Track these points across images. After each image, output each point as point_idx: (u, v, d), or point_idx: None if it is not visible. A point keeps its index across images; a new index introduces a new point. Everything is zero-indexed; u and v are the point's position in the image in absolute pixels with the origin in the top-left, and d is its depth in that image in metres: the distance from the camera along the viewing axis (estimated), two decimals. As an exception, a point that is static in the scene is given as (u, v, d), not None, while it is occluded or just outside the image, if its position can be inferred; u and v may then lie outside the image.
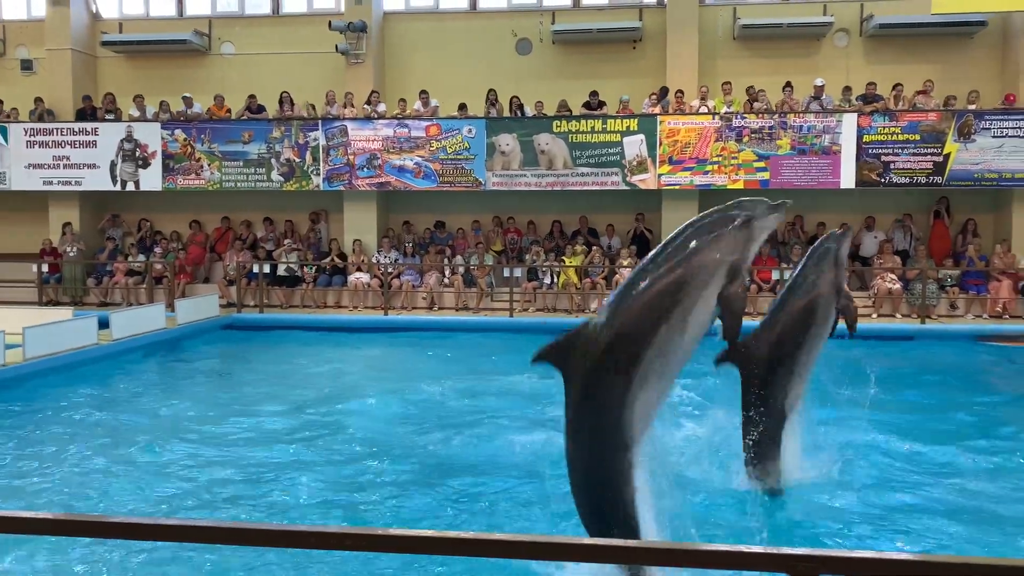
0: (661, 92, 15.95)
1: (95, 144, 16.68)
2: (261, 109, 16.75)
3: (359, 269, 16.08)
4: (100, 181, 16.72)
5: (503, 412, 8.68)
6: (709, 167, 15.34)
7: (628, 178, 15.54)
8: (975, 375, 11.13)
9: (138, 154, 16.62)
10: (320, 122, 16.30)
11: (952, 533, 5.41)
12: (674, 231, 4.47)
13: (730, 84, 15.84)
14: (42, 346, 10.55)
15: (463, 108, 16.22)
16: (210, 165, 16.53)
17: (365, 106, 16.51)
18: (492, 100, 16.26)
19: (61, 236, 16.87)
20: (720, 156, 15.28)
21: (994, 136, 14.66)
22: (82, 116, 17.07)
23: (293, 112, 16.62)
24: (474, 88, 16.46)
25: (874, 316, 14.46)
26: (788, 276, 6.61)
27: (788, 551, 2.26)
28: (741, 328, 4.64)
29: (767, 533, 5.15)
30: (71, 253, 16.57)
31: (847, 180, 15.02)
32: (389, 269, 15.75)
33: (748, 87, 15.75)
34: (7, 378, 9.79)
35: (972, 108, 14.91)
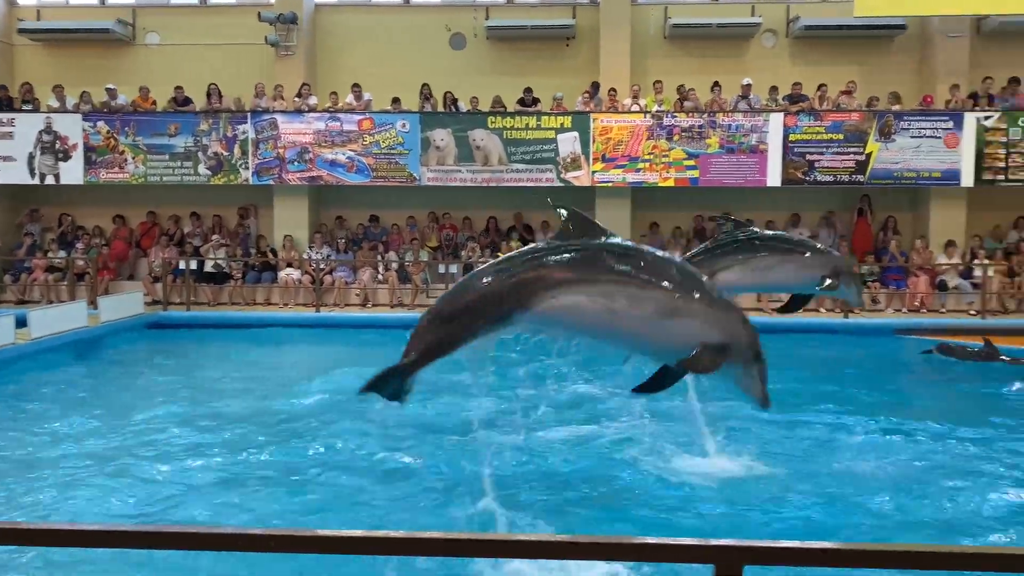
0: (593, 88, 16.08)
1: (11, 136, 16.01)
2: (188, 101, 16.32)
3: (290, 265, 15.81)
4: (17, 174, 16.06)
5: (440, 410, 8.64)
6: (641, 165, 15.54)
7: (562, 175, 15.63)
8: (892, 367, 11.51)
9: (58, 146, 16.02)
10: (249, 115, 15.97)
11: (865, 521, 5.59)
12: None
13: (661, 83, 16.05)
14: (-46, 346, 10.11)
15: (397, 102, 16.08)
16: (135, 158, 16.04)
17: (295, 99, 16.23)
18: (426, 95, 16.16)
19: (-25, 231, 16.19)
20: (652, 154, 15.49)
21: (912, 136, 15.19)
22: (-3, 106, 16.39)
23: (221, 104, 16.24)
24: (408, 82, 16.32)
25: (799, 311, 14.82)
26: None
27: (714, 542, 2.30)
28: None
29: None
30: (-15, 249, 15.92)
31: (773, 178, 15.39)
32: (321, 265, 15.53)
33: (679, 86, 16.00)
34: (-85, 380, 9.36)
35: (892, 109, 15.43)
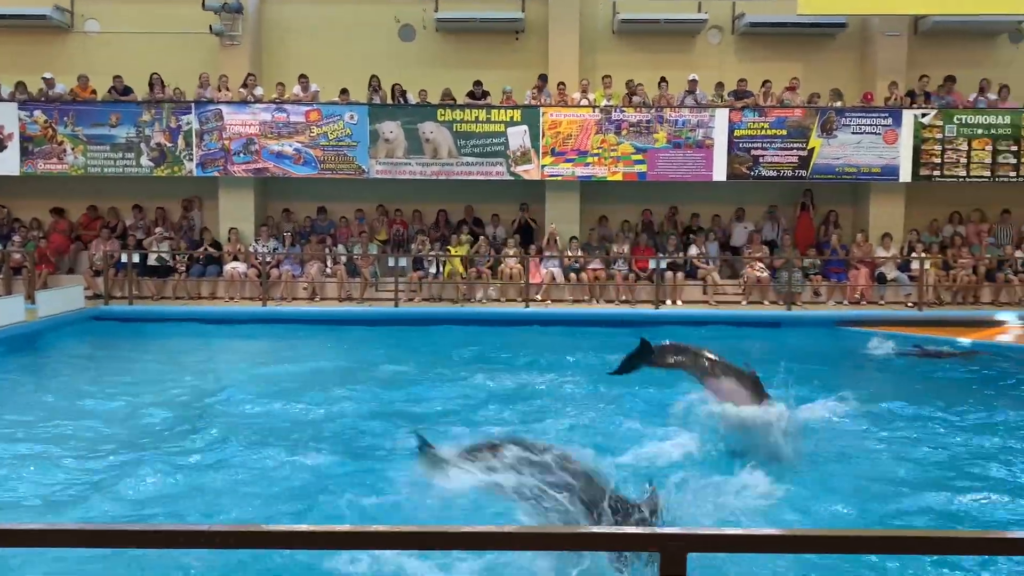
0: (541, 80, 16.13)
1: (-58, 124, 15.47)
2: (128, 91, 15.94)
3: (235, 259, 15.58)
4: (-52, 164, 15.54)
5: (389, 405, 8.62)
6: (590, 159, 15.65)
7: (512, 168, 15.66)
8: (833, 358, 11.80)
9: (-8, 136, 15.53)
10: (193, 105, 15.66)
11: (806, 507, 5.75)
12: None
13: (610, 78, 16.17)
14: None
15: (345, 94, 15.92)
16: (74, 149, 15.62)
17: (241, 90, 15.96)
18: (375, 86, 16.02)
19: (-97, 223, 15.60)
20: (600, 148, 15.61)
21: (853, 132, 15.57)
22: (-74, 94, 15.80)
23: (164, 95, 15.90)
24: (356, 74, 16.17)
25: (744, 303, 15.14)
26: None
27: (659, 531, 2.35)
28: None
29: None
30: (-85, 241, 15.35)
31: (719, 173, 15.64)
32: (267, 258, 15.33)
33: (627, 81, 16.14)
34: None
35: (834, 105, 15.78)
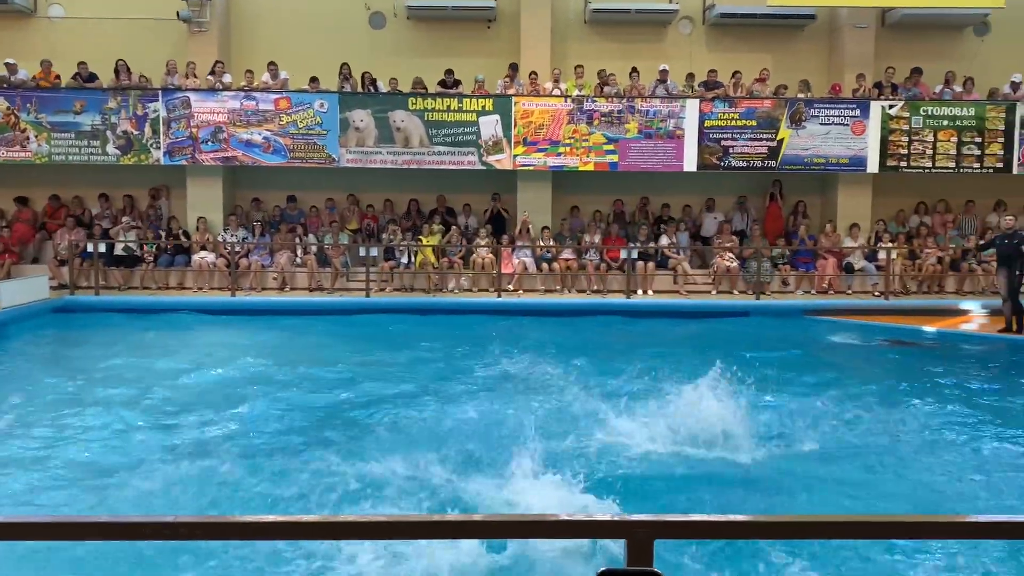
0: (512, 69, 16.09)
1: (-100, 110, 15.13)
2: (93, 78, 15.67)
3: (204, 248, 15.41)
4: (-93, 151, 15.19)
5: (359, 396, 8.60)
6: (562, 149, 15.66)
7: (484, 158, 15.63)
8: (800, 346, 11.95)
9: (-48, 122, 15.20)
10: (160, 93, 15.44)
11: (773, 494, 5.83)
12: None
13: (582, 67, 16.17)
14: None
15: (315, 82, 15.77)
16: (37, 136, 15.34)
17: (209, 77, 15.76)
18: (346, 75, 15.89)
19: None
20: (572, 138, 15.63)
21: (822, 123, 15.72)
22: None
23: (130, 81, 15.65)
24: (326, 62, 16.02)
25: (713, 293, 15.26)
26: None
27: (627, 517, 2.36)
28: None
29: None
30: None
31: (690, 163, 15.72)
32: (236, 248, 15.18)
33: (600, 71, 16.15)
34: None
35: (803, 96, 15.92)
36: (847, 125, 15.72)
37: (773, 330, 12.96)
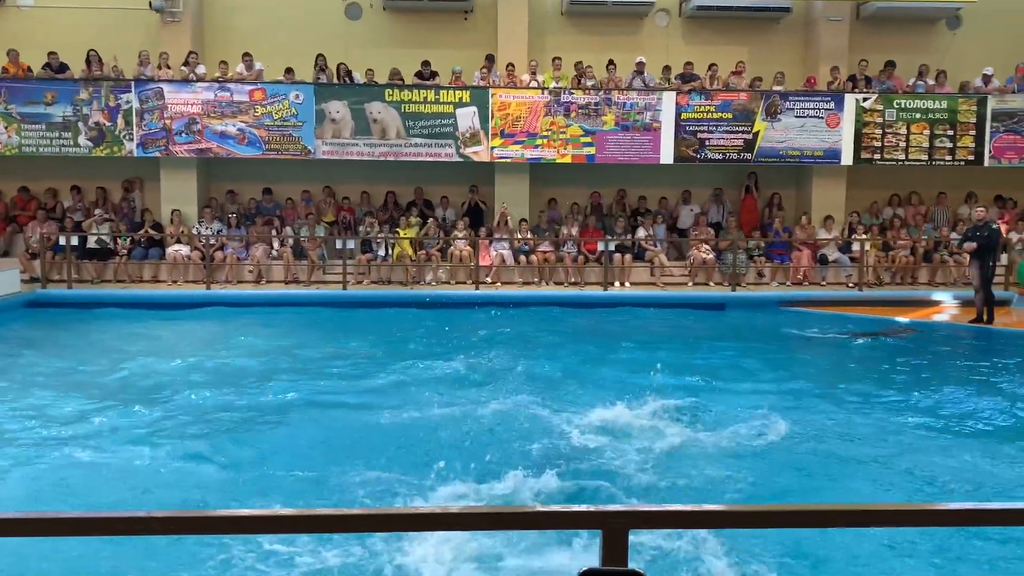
0: (488, 61, 16.04)
1: None
2: (64, 68, 15.44)
3: (178, 241, 15.27)
4: None
5: (335, 388, 8.57)
6: (539, 141, 15.65)
7: (462, 150, 15.59)
8: (775, 336, 12.06)
9: (-81, 113, 14.93)
10: (133, 84, 15.25)
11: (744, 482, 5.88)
12: None
13: (560, 59, 16.16)
14: None
15: (290, 73, 15.64)
16: (7, 128, 15.11)
17: (182, 68, 15.58)
18: (321, 66, 15.78)
19: None
20: (549, 130, 15.62)
21: (797, 116, 15.82)
22: None
23: (102, 72, 15.44)
24: (301, 52, 15.89)
25: (690, 284, 15.34)
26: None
27: (601, 508, 2.37)
28: None
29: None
30: None
31: (666, 156, 15.77)
32: (211, 241, 15.05)
33: (576, 63, 16.14)
34: None
35: (778, 89, 16.01)
36: (822, 118, 15.83)
37: (749, 320, 13.07)
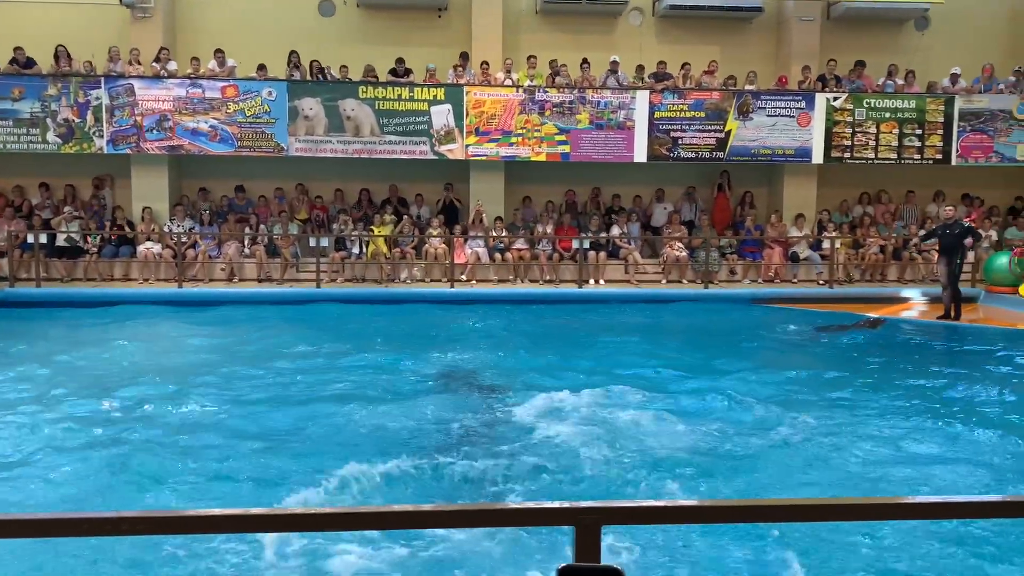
0: (462, 58, 16.02)
1: None
2: (31, 63, 15.21)
3: (149, 239, 15.11)
4: None
5: (309, 387, 8.54)
6: (514, 139, 15.66)
7: (436, 148, 15.56)
8: (747, 333, 12.18)
9: None
10: (103, 80, 15.06)
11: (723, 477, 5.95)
12: None
13: (535, 58, 16.18)
14: None
15: (262, 69, 15.52)
16: (-28, 123, 14.86)
17: (153, 64, 15.41)
18: (295, 63, 15.67)
19: None
20: (524, 128, 15.64)
21: (768, 115, 15.97)
22: None
23: (71, 68, 15.23)
24: (274, 49, 15.76)
25: (663, 282, 15.44)
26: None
27: (573, 505, 2.39)
28: None
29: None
30: None
31: (640, 154, 15.85)
32: (183, 238, 14.92)
33: (551, 61, 16.17)
34: None
35: (750, 88, 16.14)
36: (793, 117, 15.98)
37: (722, 317, 13.19)
